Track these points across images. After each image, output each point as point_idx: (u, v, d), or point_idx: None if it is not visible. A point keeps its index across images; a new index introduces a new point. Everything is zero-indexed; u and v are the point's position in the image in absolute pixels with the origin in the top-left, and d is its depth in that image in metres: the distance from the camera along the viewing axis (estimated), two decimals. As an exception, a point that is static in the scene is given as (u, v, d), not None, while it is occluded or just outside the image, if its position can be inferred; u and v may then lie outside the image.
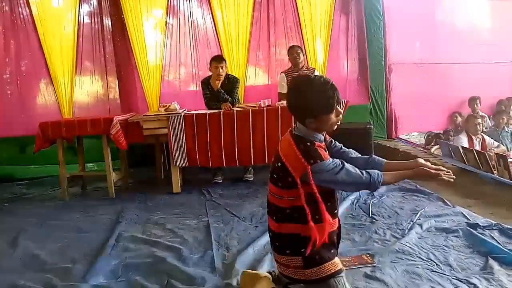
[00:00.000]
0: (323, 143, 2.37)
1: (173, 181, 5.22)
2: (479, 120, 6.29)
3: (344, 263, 2.98)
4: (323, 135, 2.37)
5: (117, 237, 3.79)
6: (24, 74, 6.66)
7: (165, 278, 2.94)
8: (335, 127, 2.32)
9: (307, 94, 2.24)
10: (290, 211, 2.27)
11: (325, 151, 2.30)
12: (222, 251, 3.37)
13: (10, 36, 6.55)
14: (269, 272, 2.69)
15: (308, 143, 2.23)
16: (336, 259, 2.37)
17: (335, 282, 2.30)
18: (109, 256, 3.39)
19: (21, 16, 6.51)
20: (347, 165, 2.22)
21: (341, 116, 2.28)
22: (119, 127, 5.04)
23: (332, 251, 2.35)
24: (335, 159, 2.24)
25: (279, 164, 2.27)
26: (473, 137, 6.19)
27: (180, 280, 2.91)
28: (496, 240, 3.21)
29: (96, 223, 4.27)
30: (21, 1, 6.49)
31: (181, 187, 5.26)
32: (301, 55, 5.83)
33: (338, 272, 2.33)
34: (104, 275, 3.08)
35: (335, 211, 2.36)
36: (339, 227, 2.43)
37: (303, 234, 2.24)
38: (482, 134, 6.27)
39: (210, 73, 5.71)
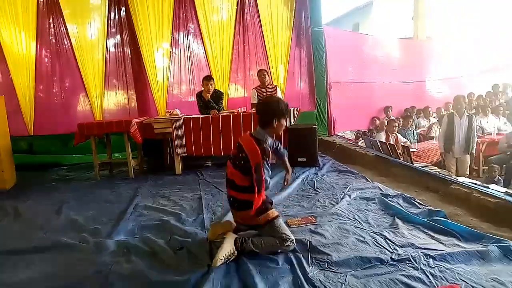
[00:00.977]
0: (271, 147, 2.65)
1: (175, 166, 5.17)
2: (396, 124, 6.42)
3: (296, 222, 3.03)
4: (272, 139, 2.66)
5: (135, 206, 3.76)
6: (66, 89, 6.51)
7: (168, 234, 2.93)
8: (282, 131, 2.67)
9: (273, 105, 2.60)
10: (241, 188, 2.54)
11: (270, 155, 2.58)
12: (210, 215, 3.37)
13: (56, 61, 6.38)
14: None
15: (265, 145, 2.52)
16: (273, 209, 2.64)
17: (277, 222, 2.57)
18: (128, 220, 3.37)
19: (64, 46, 6.35)
20: (267, 175, 2.54)
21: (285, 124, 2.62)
22: (136, 126, 4.97)
23: (271, 204, 2.64)
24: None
25: (243, 155, 2.50)
26: (390, 135, 6.31)
27: (179, 235, 2.90)
28: (400, 205, 3.29)
29: (119, 197, 4.22)
30: (64, 34, 6.32)
31: (182, 170, 5.21)
32: (267, 76, 5.80)
33: (277, 217, 2.61)
34: (125, 233, 3.05)
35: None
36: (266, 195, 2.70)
37: (251, 200, 2.53)
38: (396, 133, 6.40)
39: (202, 88, 5.66)
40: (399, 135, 6.41)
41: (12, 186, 4.94)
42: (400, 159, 4.73)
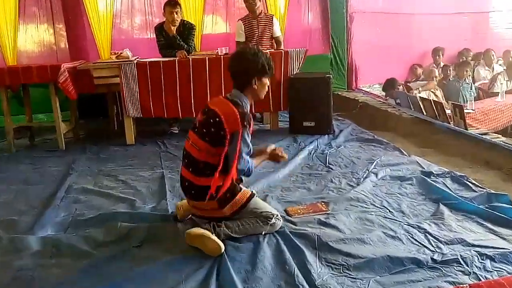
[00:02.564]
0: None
1: (126, 132, 5.15)
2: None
3: (299, 210, 3.07)
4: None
5: (67, 189, 3.75)
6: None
7: (116, 227, 2.93)
8: (263, 95, 2.85)
9: (248, 58, 2.73)
10: (202, 166, 2.65)
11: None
12: (176, 200, 3.37)
13: None
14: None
15: (245, 109, 2.67)
16: (245, 189, 2.79)
17: (251, 205, 2.72)
18: (58, 208, 3.36)
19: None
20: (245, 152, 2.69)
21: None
22: (67, 75, 4.87)
23: (239, 184, 2.78)
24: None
25: (216, 119, 2.61)
26: (436, 90, 6.33)
27: (132, 229, 2.89)
28: (448, 187, 3.33)
29: (44, 176, 4.19)
30: None
31: (135, 139, 5.20)
32: (257, 1, 5.70)
33: (249, 197, 2.74)
34: (52, 227, 3.05)
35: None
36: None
37: (214, 185, 2.63)
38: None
39: (165, 19, 5.55)
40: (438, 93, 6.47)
41: None
42: (449, 123, 4.76)
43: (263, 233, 2.69)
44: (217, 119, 2.61)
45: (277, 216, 2.75)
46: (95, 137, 5.64)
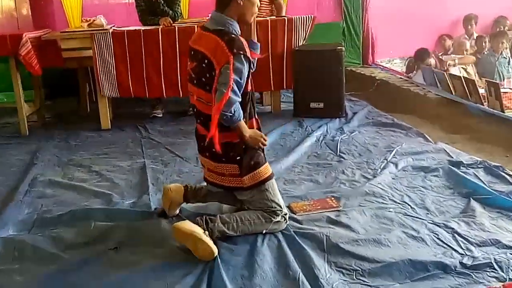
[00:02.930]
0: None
1: (101, 115, 5.15)
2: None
3: (305, 207, 3.08)
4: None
5: (31, 182, 3.75)
6: None
7: (88, 226, 2.94)
8: (252, 18, 2.75)
9: None
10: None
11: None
12: (160, 195, 3.31)
13: None
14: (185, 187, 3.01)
15: (232, 35, 2.59)
16: (267, 164, 2.80)
17: (267, 186, 2.74)
18: (21, 205, 3.36)
19: None
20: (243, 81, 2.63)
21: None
22: (30, 46, 4.86)
23: (262, 154, 2.78)
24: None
25: (206, 61, 2.57)
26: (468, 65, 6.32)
27: (108, 228, 2.91)
28: (480, 180, 3.33)
29: (4, 166, 4.18)
30: None
31: (111, 123, 5.19)
32: None
33: (271, 176, 2.77)
34: (14, 226, 3.05)
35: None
36: (259, 127, 2.87)
37: (236, 140, 2.66)
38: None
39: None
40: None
41: None
42: (483, 104, 4.75)
43: (263, 232, 2.70)
44: (206, 60, 2.58)
45: (285, 214, 2.75)
46: (64, 120, 5.63)
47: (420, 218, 2.88)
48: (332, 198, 3.18)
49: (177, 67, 5.06)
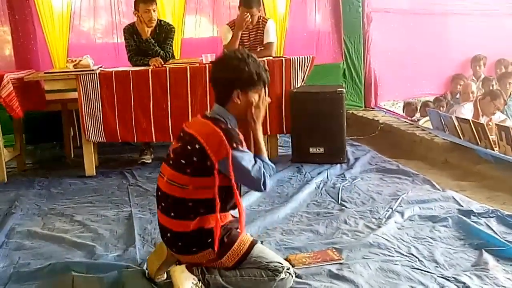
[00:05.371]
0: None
1: (85, 161, 5.13)
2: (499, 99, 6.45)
3: (304, 259, 3.05)
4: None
5: (8, 233, 3.71)
6: None
7: (69, 281, 2.89)
8: (256, 116, 2.73)
9: (231, 66, 2.67)
10: (193, 204, 2.59)
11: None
12: (148, 247, 3.35)
13: None
14: None
15: (229, 125, 2.63)
16: (243, 233, 2.72)
17: (255, 254, 2.65)
18: (-4, 257, 3.32)
19: None
20: (258, 161, 2.64)
21: (263, 102, 2.73)
22: (12, 87, 4.90)
23: (236, 226, 2.71)
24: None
25: (196, 146, 2.57)
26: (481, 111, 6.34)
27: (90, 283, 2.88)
28: (492, 230, 3.30)
29: (-20, 215, 4.15)
30: None
31: (96, 169, 5.18)
32: (255, 11, 5.71)
33: (253, 243, 2.69)
34: (-12, 281, 3.01)
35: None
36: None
37: (207, 226, 2.60)
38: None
39: (136, 18, 5.58)
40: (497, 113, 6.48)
41: None
42: (494, 149, 4.76)
43: None
44: (197, 145, 2.57)
45: (288, 269, 2.65)
46: (46, 167, 5.62)
47: (429, 272, 2.84)
48: (334, 250, 3.14)
49: (168, 110, 5.09)
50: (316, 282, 2.77)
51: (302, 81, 5.35)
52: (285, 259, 2.99)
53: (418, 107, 7.44)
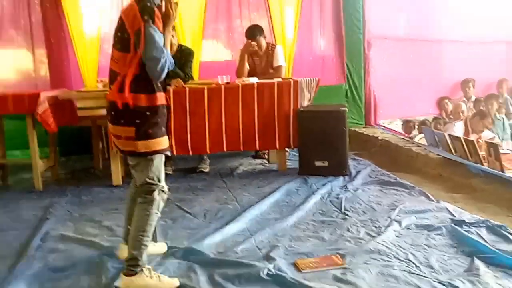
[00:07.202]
0: None
1: (112, 172, 5.15)
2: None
3: (311, 264, 3.05)
4: None
5: (43, 237, 3.73)
6: None
7: (100, 282, 2.90)
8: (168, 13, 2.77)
9: None
10: (121, 79, 2.71)
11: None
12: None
13: None
14: None
15: (148, 3, 2.66)
16: (166, 138, 2.89)
17: (154, 157, 2.82)
18: (33, 259, 3.32)
19: None
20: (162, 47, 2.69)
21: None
22: (47, 105, 4.93)
23: (163, 129, 2.86)
24: None
25: (119, 22, 2.73)
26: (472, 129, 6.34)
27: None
28: (483, 239, 3.30)
29: (18, 220, 4.17)
30: None
31: (123, 179, 5.18)
32: (261, 41, 5.81)
33: (163, 150, 2.87)
34: (26, 280, 3.00)
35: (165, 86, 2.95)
36: (169, 105, 3.00)
37: (139, 104, 2.72)
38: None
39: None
40: (485, 132, 6.46)
41: None
42: (483, 164, 4.75)
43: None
44: (120, 21, 2.72)
45: (162, 188, 2.93)
46: (77, 177, 5.64)
47: (425, 277, 2.84)
48: (337, 256, 3.15)
49: (186, 126, 5.10)
50: (322, 285, 2.77)
51: (309, 101, 5.37)
52: (293, 264, 3.04)
53: (416, 125, 7.42)
